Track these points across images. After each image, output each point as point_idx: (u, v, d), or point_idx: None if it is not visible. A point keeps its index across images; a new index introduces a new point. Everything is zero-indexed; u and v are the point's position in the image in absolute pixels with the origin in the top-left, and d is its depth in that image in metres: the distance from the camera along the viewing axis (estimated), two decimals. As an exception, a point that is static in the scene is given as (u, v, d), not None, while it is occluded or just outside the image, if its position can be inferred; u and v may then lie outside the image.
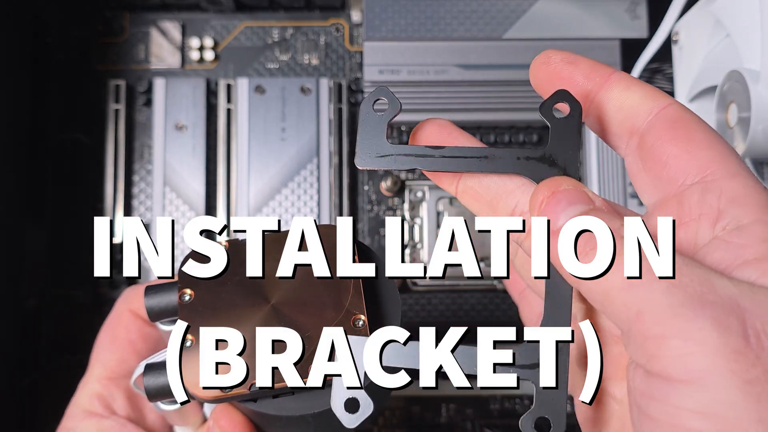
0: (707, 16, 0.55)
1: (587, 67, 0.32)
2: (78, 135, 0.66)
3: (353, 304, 0.36)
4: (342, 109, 0.65)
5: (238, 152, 0.64)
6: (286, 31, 0.68)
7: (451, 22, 0.64)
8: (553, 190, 0.29)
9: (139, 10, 0.68)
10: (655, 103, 0.30)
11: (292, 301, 0.37)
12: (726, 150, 0.29)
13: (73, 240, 0.65)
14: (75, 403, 0.43)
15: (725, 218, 0.28)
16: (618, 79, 0.31)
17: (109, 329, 0.44)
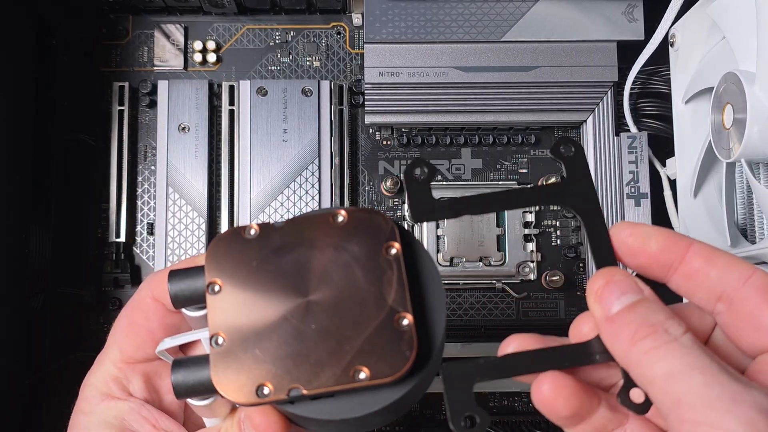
0: (703, 18, 0.55)
1: (665, 242, 0.34)
2: (82, 136, 0.66)
3: (397, 300, 0.33)
4: (343, 110, 0.66)
5: (241, 153, 0.64)
6: (287, 34, 0.69)
7: (451, 25, 0.64)
8: (607, 280, 0.33)
9: (142, 13, 0.68)
10: (740, 273, 0.33)
11: (330, 296, 0.34)
12: None
13: (78, 240, 0.65)
14: (90, 385, 0.41)
15: None
16: (698, 251, 0.34)
17: (129, 314, 0.42)
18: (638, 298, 0.32)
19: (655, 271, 0.35)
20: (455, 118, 0.65)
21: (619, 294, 0.32)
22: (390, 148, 0.67)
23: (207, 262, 0.35)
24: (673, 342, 0.31)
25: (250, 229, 0.35)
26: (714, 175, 0.57)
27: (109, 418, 0.40)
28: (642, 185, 0.64)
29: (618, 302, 0.32)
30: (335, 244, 0.35)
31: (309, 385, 0.32)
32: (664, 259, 0.34)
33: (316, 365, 0.33)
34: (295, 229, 0.35)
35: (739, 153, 0.46)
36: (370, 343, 0.33)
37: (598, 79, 0.64)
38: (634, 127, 0.65)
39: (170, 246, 0.63)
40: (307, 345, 0.33)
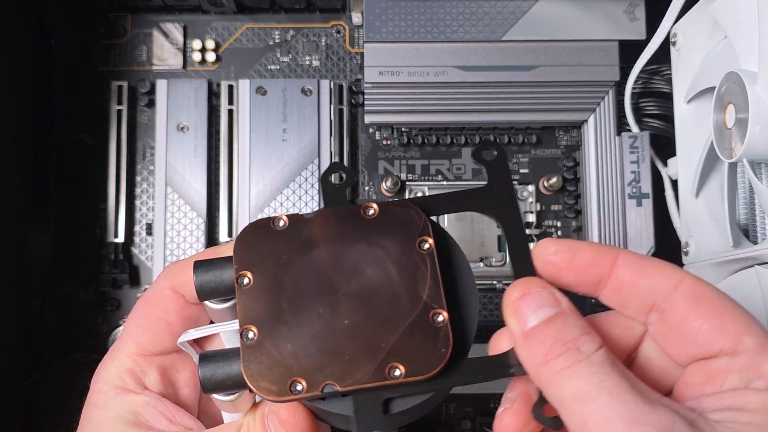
0: (705, 17, 0.55)
1: (591, 256, 0.34)
2: (81, 136, 0.66)
3: (431, 296, 0.33)
4: (343, 110, 0.66)
5: (240, 153, 0.64)
6: (287, 33, 0.69)
7: (451, 24, 0.64)
8: (524, 292, 0.32)
9: (141, 12, 0.68)
10: (670, 280, 0.33)
11: (363, 290, 0.33)
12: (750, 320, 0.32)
13: (77, 240, 0.65)
14: (103, 378, 0.40)
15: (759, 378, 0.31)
16: (624, 262, 0.33)
17: (146, 305, 0.40)
18: (555, 312, 0.31)
19: (584, 287, 0.34)
20: (456, 118, 0.65)
21: (536, 307, 0.31)
22: (390, 147, 0.67)
23: (236, 253, 0.34)
24: (584, 361, 0.30)
25: (278, 220, 0.35)
26: (716, 175, 0.57)
27: (124, 413, 0.38)
28: (643, 185, 0.63)
29: (534, 316, 0.31)
30: (366, 238, 0.34)
31: (343, 382, 0.31)
32: (592, 274, 0.34)
33: (350, 361, 0.32)
34: (325, 222, 0.35)
35: (741, 153, 0.45)
36: (405, 339, 0.32)
37: (600, 79, 0.64)
38: (635, 126, 0.65)
39: (169, 246, 0.63)
40: (340, 340, 0.32)
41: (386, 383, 0.32)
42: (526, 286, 0.32)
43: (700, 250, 0.58)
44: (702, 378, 0.32)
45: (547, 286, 0.32)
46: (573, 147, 0.67)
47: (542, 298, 0.32)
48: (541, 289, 0.32)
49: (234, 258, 0.34)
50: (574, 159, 0.67)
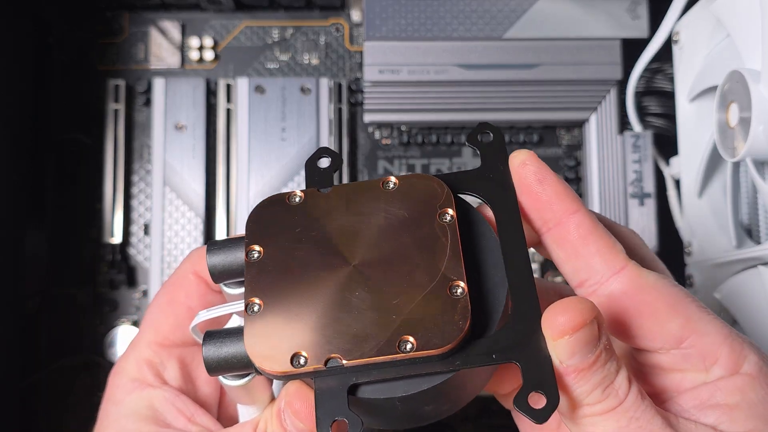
0: (708, 16, 0.55)
1: (553, 194, 0.33)
2: (78, 135, 0.66)
3: (450, 268, 0.31)
4: (342, 109, 0.65)
5: (238, 152, 0.64)
6: (286, 31, 0.68)
7: (452, 22, 0.64)
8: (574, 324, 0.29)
9: (138, 10, 0.68)
10: (608, 265, 0.32)
11: (377, 263, 0.31)
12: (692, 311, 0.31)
13: (74, 240, 0.65)
14: (121, 371, 0.38)
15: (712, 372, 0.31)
16: (577, 222, 0.32)
17: (168, 291, 0.39)
18: (598, 351, 0.30)
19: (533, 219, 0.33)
20: (456, 117, 0.65)
21: (583, 345, 0.29)
22: (390, 147, 0.67)
23: (247, 228, 0.33)
24: (620, 407, 0.30)
25: (294, 195, 0.34)
26: (719, 175, 0.56)
27: (141, 408, 0.37)
28: (646, 185, 0.63)
29: (579, 355, 0.29)
30: (385, 210, 0.33)
31: (349, 355, 0.29)
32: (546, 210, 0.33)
33: (358, 334, 0.30)
34: (342, 195, 0.33)
35: (744, 152, 0.45)
36: (419, 311, 0.30)
37: (602, 77, 0.64)
38: (638, 125, 0.64)
39: (166, 246, 0.63)
40: (350, 314, 0.30)
41: (395, 357, 0.29)
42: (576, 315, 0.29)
43: (703, 250, 0.57)
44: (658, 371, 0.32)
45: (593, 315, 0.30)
46: (575, 146, 0.67)
47: (590, 335, 0.29)
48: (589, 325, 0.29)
49: (245, 232, 0.33)
50: (576, 158, 0.66)
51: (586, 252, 0.32)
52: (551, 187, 0.33)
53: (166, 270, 0.62)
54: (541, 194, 0.33)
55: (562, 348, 0.29)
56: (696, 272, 0.59)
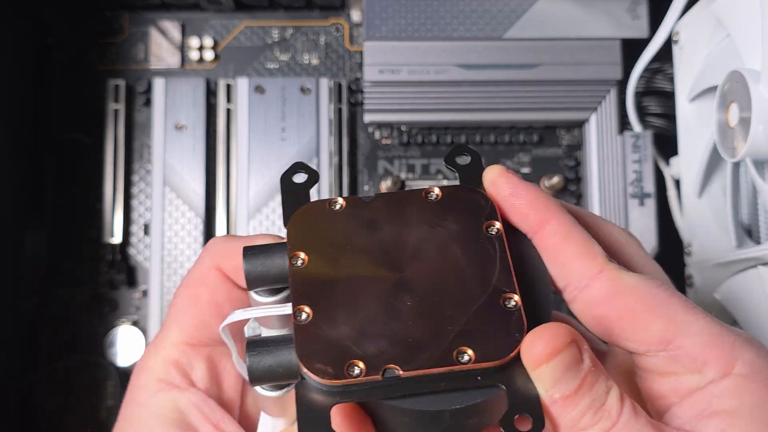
0: (708, 15, 0.54)
1: (526, 204, 0.32)
2: (78, 135, 0.66)
3: (502, 280, 0.30)
4: (342, 109, 0.65)
5: (238, 152, 0.64)
6: (286, 31, 0.68)
7: (452, 22, 0.64)
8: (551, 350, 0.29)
9: (138, 10, 0.68)
10: (585, 270, 0.31)
11: (426, 272, 0.31)
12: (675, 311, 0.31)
13: (73, 240, 0.65)
14: (145, 370, 0.36)
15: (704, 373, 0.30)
16: (552, 231, 0.32)
17: (191, 287, 0.37)
18: (583, 373, 0.29)
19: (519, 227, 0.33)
20: (456, 117, 0.65)
21: (565, 371, 0.28)
22: (390, 147, 0.67)
23: (289, 233, 0.32)
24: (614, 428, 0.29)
25: (335, 202, 0.33)
26: (719, 175, 0.56)
27: (167, 411, 0.35)
28: (646, 185, 0.63)
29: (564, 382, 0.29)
30: (430, 221, 0.32)
31: (406, 366, 0.28)
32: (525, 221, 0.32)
33: (414, 345, 0.29)
34: (385, 204, 0.33)
35: (744, 152, 0.45)
36: (474, 323, 0.29)
37: (602, 77, 0.64)
38: (638, 125, 0.64)
39: (166, 246, 0.63)
40: (402, 323, 0.29)
41: (454, 368, 0.29)
42: (551, 341, 0.29)
43: (703, 251, 0.57)
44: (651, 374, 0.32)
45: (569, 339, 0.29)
46: (575, 146, 0.67)
47: (569, 360, 0.29)
48: (566, 350, 0.29)
49: (287, 238, 0.32)
50: (576, 158, 0.66)
51: (563, 258, 0.31)
52: (524, 197, 0.32)
53: (166, 270, 0.62)
54: (516, 207, 0.32)
55: (544, 376, 0.29)
56: (696, 272, 0.59)
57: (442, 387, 0.29)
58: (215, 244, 0.37)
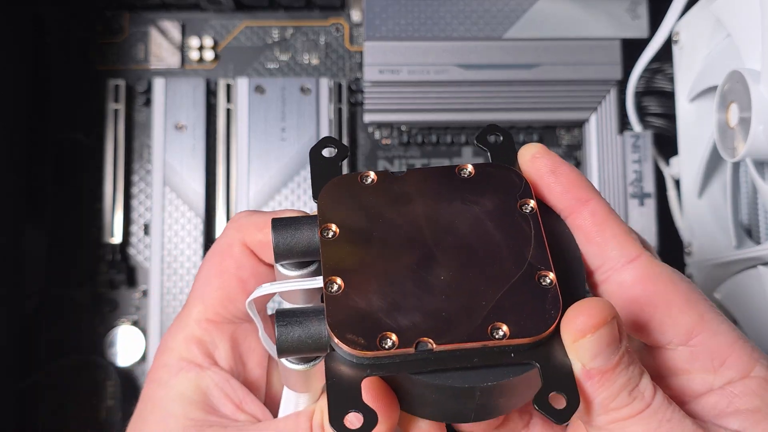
0: (708, 16, 0.54)
1: (567, 183, 0.32)
2: (77, 135, 0.66)
3: (537, 257, 0.30)
4: (342, 109, 0.65)
5: (238, 152, 0.64)
6: (286, 31, 0.68)
7: (451, 22, 0.64)
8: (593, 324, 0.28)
9: (138, 10, 0.67)
10: (623, 251, 0.31)
11: (460, 248, 0.30)
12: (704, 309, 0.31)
13: (73, 240, 0.65)
14: (168, 348, 0.36)
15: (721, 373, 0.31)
16: (592, 210, 0.32)
17: (216, 261, 0.36)
18: (621, 352, 0.29)
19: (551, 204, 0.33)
20: (456, 117, 0.65)
21: (604, 346, 0.28)
22: (390, 147, 0.67)
23: (320, 205, 0.32)
24: (647, 410, 0.29)
25: (366, 176, 0.32)
26: (719, 175, 0.56)
27: (189, 391, 0.34)
28: (646, 185, 0.63)
29: (601, 357, 0.28)
30: (462, 197, 0.32)
31: (440, 339, 0.28)
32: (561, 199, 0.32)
33: (447, 319, 0.29)
34: (417, 179, 0.32)
35: (744, 152, 0.45)
36: (509, 299, 0.29)
37: (601, 77, 0.64)
38: (637, 125, 0.64)
39: (166, 246, 0.63)
40: (435, 297, 0.29)
41: (488, 343, 0.28)
42: (595, 314, 0.28)
43: (703, 250, 0.57)
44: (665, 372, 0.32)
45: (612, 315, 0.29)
46: (575, 146, 0.67)
47: (611, 335, 0.28)
48: (609, 324, 0.29)
49: (318, 210, 0.32)
50: (576, 158, 0.66)
51: (600, 238, 0.31)
52: (565, 176, 0.32)
53: (166, 270, 0.62)
54: (554, 184, 0.32)
55: (584, 349, 0.28)
56: (696, 272, 0.59)
57: (475, 362, 0.28)
58: (241, 217, 0.36)
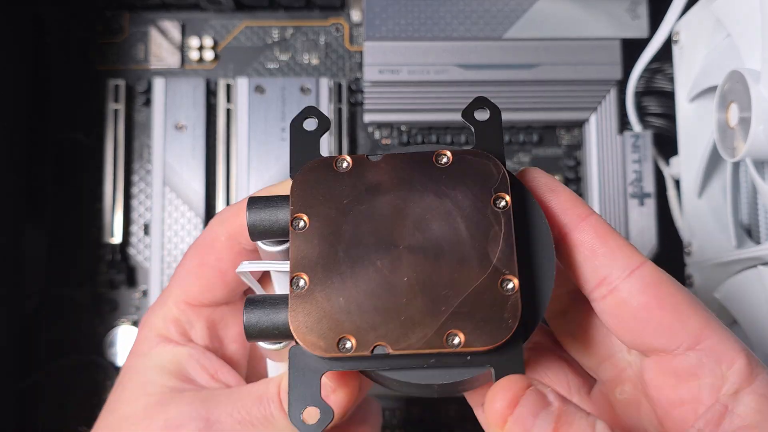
0: (708, 15, 0.54)
1: (566, 201, 0.32)
2: (77, 135, 0.66)
3: (503, 260, 0.30)
4: (342, 109, 0.65)
5: (238, 152, 0.64)
6: (285, 31, 0.68)
7: (451, 22, 0.64)
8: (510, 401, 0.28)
9: (138, 10, 0.67)
10: (629, 260, 0.32)
11: (428, 246, 0.30)
12: (709, 314, 0.31)
13: (73, 240, 0.65)
14: (148, 325, 0.39)
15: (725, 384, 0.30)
16: (593, 224, 0.32)
17: (199, 252, 0.38)
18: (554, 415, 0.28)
19: None
20: (456, 117, 0.64)
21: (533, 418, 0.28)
22: (390, 147, 0.67)
23: (293, 193, 0.32)
24: None
25: (342, 160, 0.32)
26: (719, 175, 0.56)
27: (166, 362, 0.38)
28: (646, 185, 0.63)
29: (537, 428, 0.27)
30: (436, 189, 0.31)
31: (396, 345, 0.29)
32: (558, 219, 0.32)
33: (406, 323, 0.29)
34: (392, 167, 0.32)
35: (744, 152, 0.45)
36: (469, 305, 0.29)
37: (601, 77, 0.64)
38: (637, 125, 0.64)
39: (166, 246, 0.63)
40: (397, 299, 0.30)
41: (442, 350, 0.29)
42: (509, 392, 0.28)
43: (702, 250, 0.57)
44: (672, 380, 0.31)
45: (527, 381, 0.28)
46: (574, 146, 0.67)
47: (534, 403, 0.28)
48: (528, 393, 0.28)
49: (291, 198, 0.32)
50: (576, 158, 0.66)
51: (605, 250, 0.32)
52: (563, 195, 0.33)
53: (166, 270, 0.62)
54: (553, 202, 0.33)
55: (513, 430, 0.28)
56: (696, 272, 0.59)
57: (431, 363, 0.30)
58: (227, 211, 0.38)
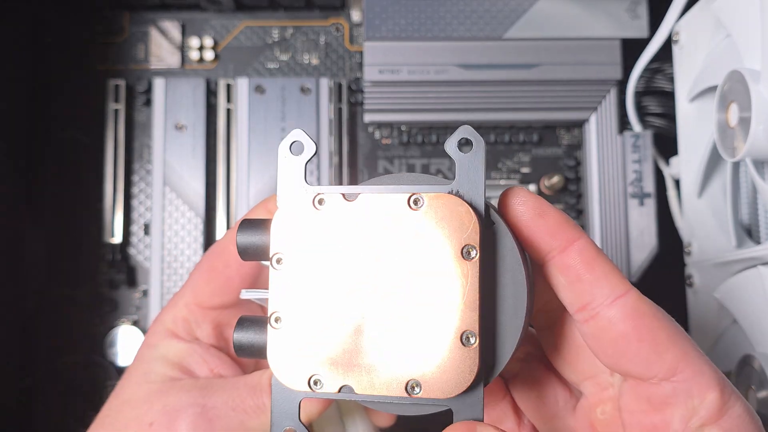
0: (708, 15, 0.54)
1: (554, 225, 0.33)
2: (77, 135, 0.66)
3: (466, 315, 0.31)
4: (342, 108, 0.65)
5: (238, 152, 0.64)
6: (286, 31, 0.68)
7: (452, 22, 0.64)
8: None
9: (138, 10, 0.68)
10: (613, 288, 0.32)
11: (396, 293, 0.32)
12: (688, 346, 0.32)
13: (73, 240, 0.65)
14: (160, 320, 0.43)
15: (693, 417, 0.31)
16: (580, 249, 0.32)
17: (211, 258, 0.42)
18: None
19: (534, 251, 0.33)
20: (456, 117, 0.64)
21: None
22: (390, 146, 0.67)
23: (273, 231, 0.33)
24: None
25: (321, 200, 0.33)
26: (719, 175, 0.56)
27: (169, 354, 0.41)
28: (646, 185, 0.63)
29: None
30: (409, 234, 0.32)
31: (361, 389, 0.32)
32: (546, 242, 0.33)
33: (371, 369, 0.32)
34: (369, 208, 0.32)
35: (744, 152, 0.45)
36: (431, 356, 0.31)
37: (601, 77, 0.64)
38: (637, 125, 0.64)
39: (166, 246, 0.63)
40: (365, 345, 0.32)
41: (403, 398, 0.32)
42: None
43: (702, 250, 0.57)
44: (645, 406, 0.32)
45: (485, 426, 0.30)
46: (574, 146, 0.67)
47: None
48: None
49: (270, 236, 0.33)
50: (576, 158, 0.66)
51: (590, 276, 0.32)
52: (552, 218, 0.33)
53: (166, 270, 0.62)
54: (541, 225, 0.33)
55: None
56: (696, 272, 0.59)
57: (395, 402, 0.32)
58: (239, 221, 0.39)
